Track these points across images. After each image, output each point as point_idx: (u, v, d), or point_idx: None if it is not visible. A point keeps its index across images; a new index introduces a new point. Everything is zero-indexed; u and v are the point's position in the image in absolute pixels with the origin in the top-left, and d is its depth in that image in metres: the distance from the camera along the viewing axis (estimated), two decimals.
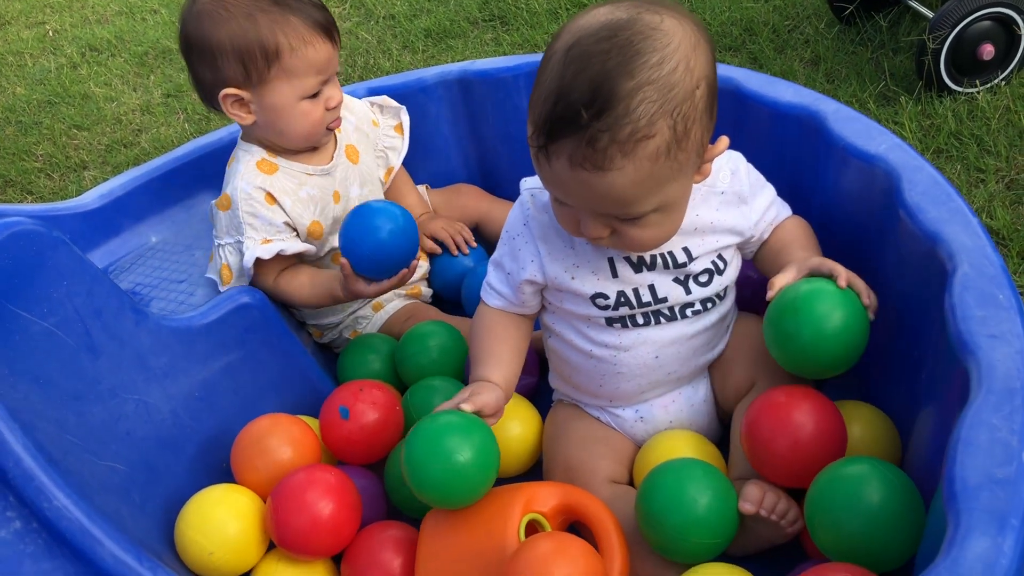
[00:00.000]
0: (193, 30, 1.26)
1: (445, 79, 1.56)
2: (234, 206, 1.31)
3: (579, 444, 1.13)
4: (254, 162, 1.33)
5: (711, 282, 1.06)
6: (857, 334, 0.96)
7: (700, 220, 1.04)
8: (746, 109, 1.26)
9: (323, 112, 1.31)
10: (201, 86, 1.31)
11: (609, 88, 0.84)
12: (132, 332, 1.16)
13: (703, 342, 1.10)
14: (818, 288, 0.97)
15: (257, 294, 1.30)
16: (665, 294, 1.05)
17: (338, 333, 1.48)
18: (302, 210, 1.34)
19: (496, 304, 1.13)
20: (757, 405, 0.99)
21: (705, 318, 1.08)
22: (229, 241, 1.33)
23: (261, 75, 1.25)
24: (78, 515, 0.92)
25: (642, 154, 0.86)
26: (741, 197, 1.07)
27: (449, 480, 0.95)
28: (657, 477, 0.98)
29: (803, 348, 0.96)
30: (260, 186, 1.31)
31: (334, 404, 1.18)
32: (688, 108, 0.87)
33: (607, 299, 1.05)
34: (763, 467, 0.98)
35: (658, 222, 0.95)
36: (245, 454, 1.14)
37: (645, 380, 1.10)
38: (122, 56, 2.99)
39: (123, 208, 1.50)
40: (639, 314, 1.06)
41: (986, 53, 1.66)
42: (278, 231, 1.32)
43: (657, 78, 0.85)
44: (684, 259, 1.04)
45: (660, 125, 0.86)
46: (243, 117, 1.29)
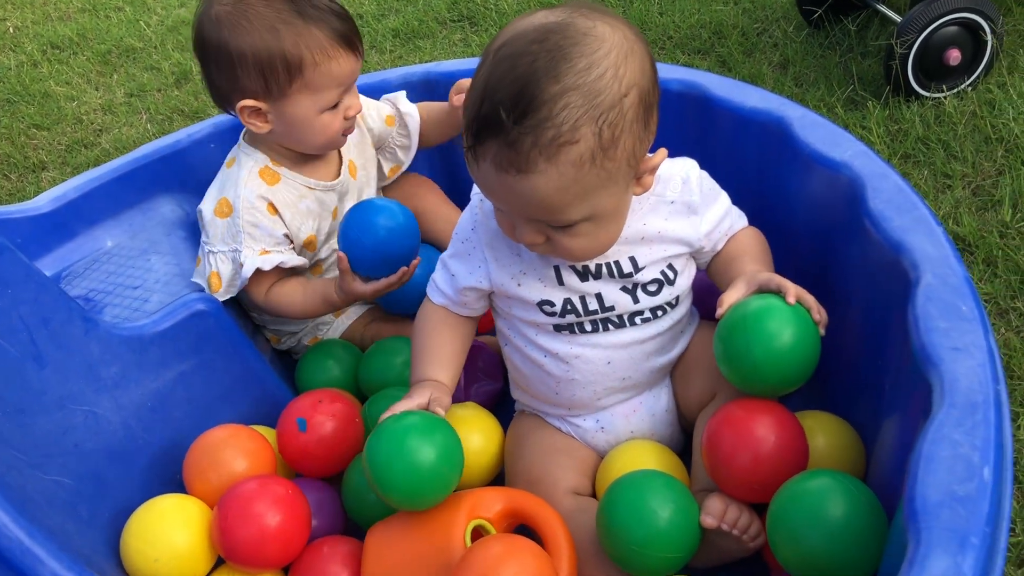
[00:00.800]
0: (212, 35, 1.21)
1: (409, 80, 1.54)
2: (235, 214, 1.27)
3: (541, 455, 1.11)
4: (257, 169, 1.29)
5: (660, 291, 1.05)
6: (808, 351, 0.93)
7: (647, 229, 1.03)
8: (712, 114, 1.25)
9: (341, 122, 1.28)
10: (216, 91, 1.27)
11: (533, 91, 0.83)
12: (81, 341, 1.12)
13: (656, 347, 1.08)
14: (768, 305, 0.94)
15: (213, 301, 1.26)
16: (612, 303, 1.04)
17: (297, 340, 1.45)
18: (300, 223, 1.32)
19: (440, 302, 1.13)
20: (717, 419, 0.97)
21: (656, 325, 1.07)
22: (223, 249, 1.29)
23: (282, 89, 1.21)
24: (18, 533, 0.89)
25: (565, 159, 0.84)
26: (691, 207, 1.05)
27: (413, 480, 0.94)
28: (618, 490, 0.96)
29: (754, 366, 0.94)
30: (263, 196, 1.28)
31: (291, 415, 1.15)
32: (615, 116, 0.85)
33: (553, 306, 1.04)
34: (724, 482, 0.97)
35: (590, 232, 0.93)
36: (198, 465, 1.11)
37: (600, 386, 1.08)
38: (84, 54, 2.94)
39: (77, 211, 1.46)
40: (587, 321, 1.05)
41: (952, 58, 1.66)
42: (277, 243, 1.29)
43: (583, 84, 0.83)
44: (630, 269, 1.03)
45: (584, 131, 0.84)
46: (259, 126, 1.26)
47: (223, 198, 1.29)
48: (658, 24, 2.20)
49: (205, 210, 1.31)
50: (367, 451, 0.96)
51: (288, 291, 1.30)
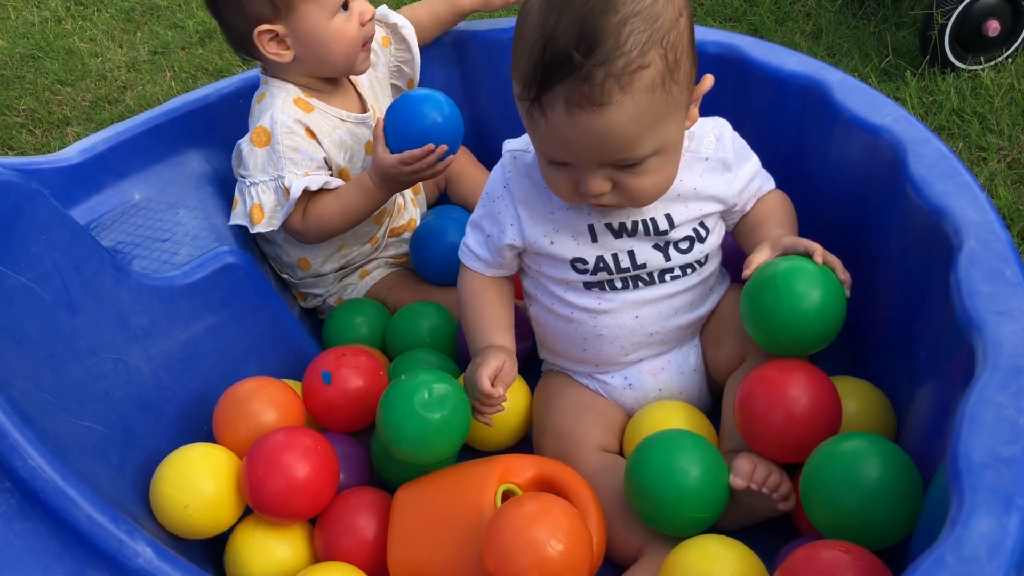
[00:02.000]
0: None
1: (440, 39, 1.52)
2: (274, 140, 1.26)
3: (569, 412, 1.11)
4: (291, 99, 1.29)
5: (692, 249, 1.05)
6: (835, 312, 0.94)
7: (683, 186, 1.03)
8: (749, 77, 1.23)
9: (358, 28, 1.28)
10: (234, 34, 1.28)
11: (595, 25, 0.84)
12: (112, 290, 1.13)
13: (684, 303, 1.08)
14: (796, 266, 0.95)
15: (243, 254, 1.26)
16: (644, 260, 1.04)
17: (323, 300, 1.45)
18: (336, 152, 1.32)
19: (476, 267, 1.13)
20: (751, 379, 0.97)
21: (684, 281, 1.07)
22: (264, 179, 1.28)
23: (288, 3, 1.22)
24: (53, 475, 0.89)
25: (639, 86, 0.85)
26: (725, 164, 1.05)
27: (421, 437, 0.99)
28: (647, 448, 0.96)
29: (781, 326, 0.95)
30: (300, 120, 1.28)
31: (316, 369, 1.15)
32: (675, 37, 0.87)
33: (586, 264, 1.04)
34: (756, 442, 0.96)
35: (658, 167, 0.94)
36: (227, 416, 1.11)
37: (628, 342, 1.08)
38: (108, 11, 2.92)
39: (106, 164, 1.46)
40: (618, 279, 1.05)
41: (992, 29, 1.63)
42: (319, 167, 1.29)
43: (641, 9, 0.85)
44: (666, 226, 1.03)
45: (652, 55, 0.85)
46: (282, 55, 1.27)
47: (260, 126, 1.28)
48: None
49: (243, 143, 1.30)
50: (380, 405, 1.01)
51: (323, 202, 1.29)
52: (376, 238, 1.43)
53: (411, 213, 1.49)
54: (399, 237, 1.47)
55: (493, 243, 1.09)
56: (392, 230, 1.46)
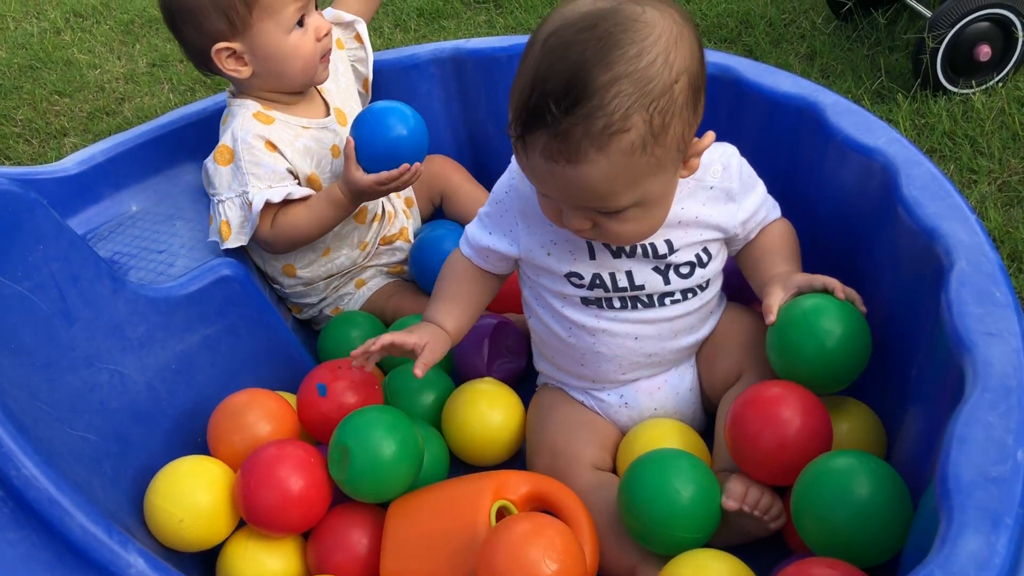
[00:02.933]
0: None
1: (438, 56, 1.53)
2: (236, 157, 1.29)
3: (563, 428, 1.11)
4: (251, 113, 1.31)
5: (693, 274, 1.05)
6: (864, 345, 0.97)
7: (684, 213, 1.03)
8: (743, 98, 1.25)
9: (314, 43, 1.30)
10: (192, 51, 1.30)
11: (584, 80, 0.83)
12: (109, 300, 1.13)
13: (684, 326, 1.08)
14: (822, 304, 0.97)
15: (239, 267, 1.27)
16: (642, 281, 1.04)
17: (318, 311, 1.45)
18: (300, 161, 1.33)
19: (466, 252, 1.14)
20: (742, 401, 0.98)
21: (685, 305, 1.07)
22: (230, 196, 1.30)
23: (244, 21, 1.24)
24: (46, 484, 0.89)
25: (616, 148, 0.85)
26: (730, 194, 1.05)
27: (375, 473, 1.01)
28: (640, 467, 0.97)
29: (814, 363, 0.96)
30: (260, 134, 1.29)
31: (312, 382, 1.16)
32: (666, 103, 0.85)
33: (582, 279, 1.04)
34: (747, 464, 0.97)
35: (639, 217, 0.93)
36: (221, 428, 1.11)
37: (626, 361, 1.09)
38: (107, 23, 2.94)
39: (104, 175, 1.46)
40: (615, 298, 1.05)
41: (983, 54, 1.65)
42: (282, 178, 1.30)
43: (634, 71, 0.83)
44: (665, 250, 1.03)
45: (635, 119, 0.84)
46: (240, 71, 1.29)
47: (222, 144, 1.31)
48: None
49: (208, 162, 1.33)
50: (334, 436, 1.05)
51: (293, 213, 1.30)
52: (365, 242, 1.44)
53: (402, 222, 1.50)
54: (391, 245, 1.48)
55: (481, 240, 1.11)
56: (384, 238, 1.47)
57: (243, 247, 1.33)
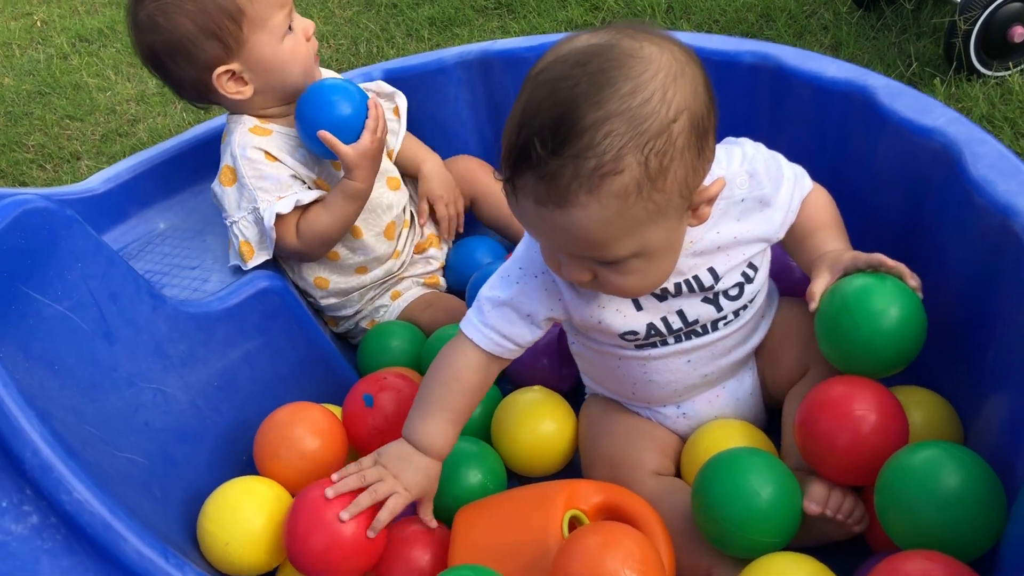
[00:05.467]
0: (154, 37, 1.22)
1: (465, 59, 1.51)
2: (239, 175, 1.26)
3: (621, 437, 1.08)
4: (247, 128, 1.28)
5: (742, 293, 1.00)
6: (917, 324, 0.92)
7: (722, 237, 0.96)
8: (787, 86, 1.22)
9: (306, 45, 1.28)
10: (186, 86, 1.26)
11: (573, 117, 0.77)
12: (149, 318, 1.10)
13: (737, 340, 1.04)
14: (867, 284, 0.93)
15: (277, 279, 1.24)
16: (695, 316, 0.99)
17: (354, 323, 1.42)
18: (303, 167, 1.30)
19: (484, 345, 1.00)
20: (810, 401, 0.94)
21: (737, 322, 1.02)
22: (242, 215, 1.27)
23: (238, 39, 1.21)
24: (100, 509, 0.87)
25: (608, 191, 0.78)
26: (763, 200, 0.97)
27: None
28: (715, 467, 0.93)
29: (863, 349, 0.92)
30: (257, 146, 1.27)
31: (358, 393, 1.12)
32: (663, 143, 0.79)
33: (637, 335, 0.99)
34: (822, 465, 0.93)
35: (641, 268, 0.86)
36: (268, 443, 1.08)
37: (680, 385, 1.05)
38: (114, 47, 2.92)
39: (130, 193, 1.44)
40: (670, 337, 1.00)
41: (1017, 35, 1.62)
42: (288, 186, 1.27)
43: (627, 109, 0.77)
44: (711, 281, 0.97)
45: (628, 160, 0.78)
46: (243, 91, 1.25)
47: (224, 165, 1.28)
48: (703, 7, 2.16)
49: (215, 187, 1.29)
50: None
51: (313, 217, 1.27)
52: (398, 251, 1.41)
53: (430, 228, 1.48)
54: (424, 254, 1.45)
55: (535, 320, 0.99)
56: (417, 246, 1.44)
57: (275, 259, 1.30)
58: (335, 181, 1.31)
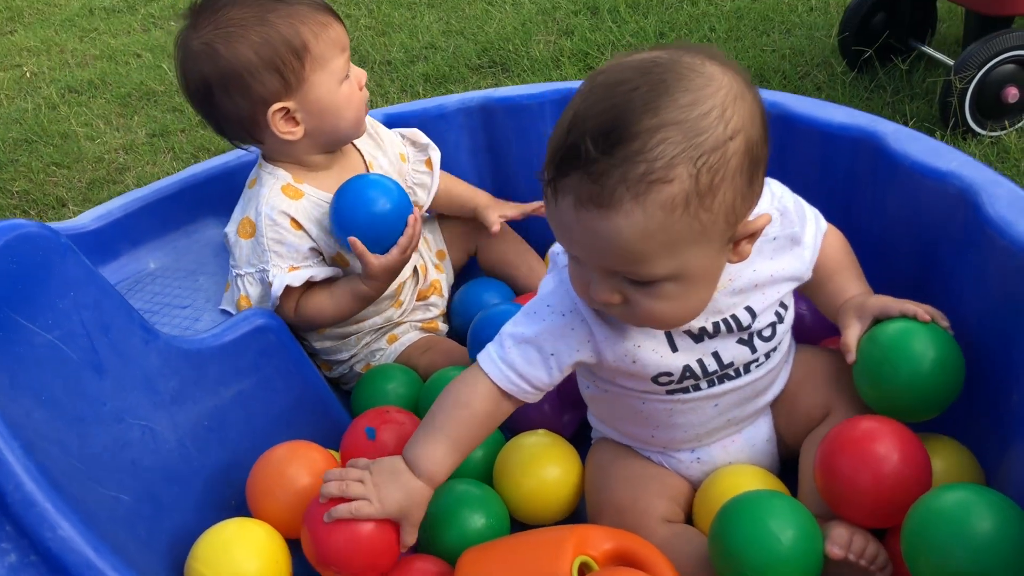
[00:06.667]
0: (209, 67, 1.17)
1: (467, 106, 1.50)
2: (258, 233, 1.22)
3: (629, 483, 1.03)
4: (279, 186, 1.25)
5: (775, 334, 0.98)
6: (956, 365, 0.93)
7: (758, 275, 0.94)
8: (794, 132, 1.21)
9: (360, 94, 1.26)
10: (233, 121, 1.22)
11: (627, 120, 0.76)
12: (141, 352, 1.06)
13: (764, 385, 1.02)
14: (905, 328, 0.94)
15: (274, 317, 1.20)
16: (731, 358, 0.96)
17: (348, 367, 1.38)
18: (327, 239, 1.26)
19: (499, 381, 0.95)
20: (831, 441, 0.92)
21: (767, 365, 1.00)
22: (250, 271, 1.24)
23: (299, 76, 1.18)
24: (84, 548, 0.82)
25: (654, 200, 0.76)
26: (794, 239, 0.96)
27: None
28: (734, 509, 0.89)
29: (905, 394, 0.92)
30: (285, 211, 1.23)
31: (359, 427, 1.08)
32: (716, 160, 0.77)
33: (671, 376, 0.95)
34: (843, 507, 0.90)
35: (675, 295, 0.83)
36: (262, 483, 1.03)
37: (703, 429, 1.02)
38: (103, 97, 2.91)
39: (122, 230, 1.41)
40: (703, 382, 0.97)
41: (1011, 96, 1.64)
42: (305, 258, 1.24)
43: (684, 119, 0.76)
44: (748, 320, 0.95)
45: (680, 171, 0.76)
46: (294, 132, 1.22)
47: (246, 217, 1.25)
48: None
49: (230, 232, 1.27)
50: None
51: (316, 300, 1.25)
52: (400, 301, 1.38)
53: (434, 275, 1.45)
54: (425, 301, 1.42)
55: (558, 362, 0.94)
56: (420, 293, 1.41)
57: None
58: (355, 259, 1.27)
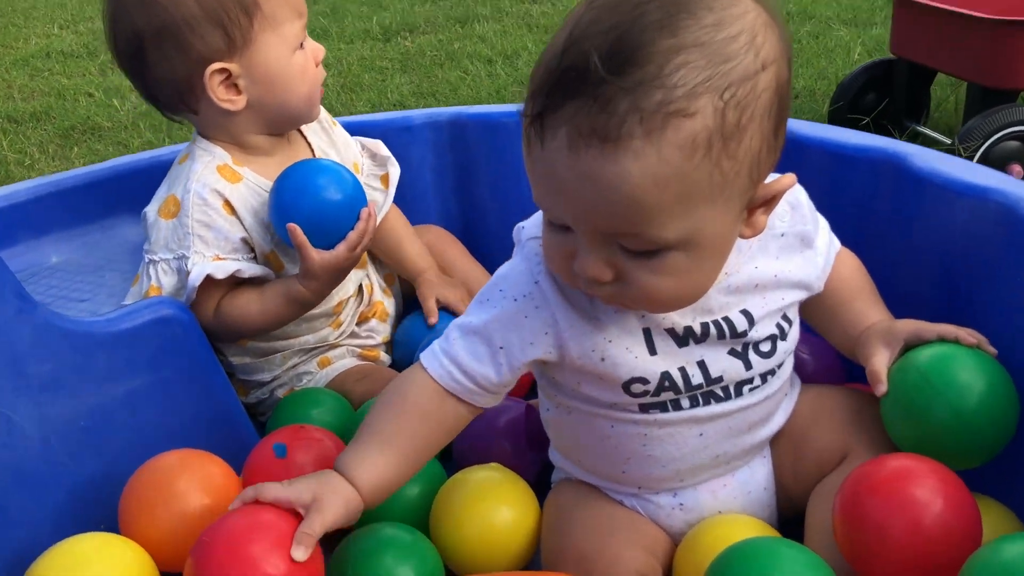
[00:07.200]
0: (142, 17, 1.01)
1: (435, 120, 1.36)
2: (183, 212, 1.04)
3: (596, 529, 0.84)
4: (215, 164, 1.07)
5: (774, 351, 0.81)
6: (1010, 398, 0.78)
7: (760, 273, 0.80)
8: (805, 155, 1.08)
9: (316, 70, 1.09)
10: (167, 86, 1.05)
11: (640, 39, 0.62)
12: (11, 323, 0.86)
13: (760, 415, 0.84)
14: (944, 353, 0.79)
15: (186, 310, 1.00)
16: (720, 372, 0.79)
17: (269, 392, 1.18)
18: (263, 232, 1.08)
19: (437, 375, 0.79)
20: (857, 480, 0.74)
21: (764, 390, 0.83)
22: (166, 257, 1.05)
23: (245, 34, 1.02)
24: None
25: (672, 138, 0.62)
26: (805, 239, 0.83)
27: None
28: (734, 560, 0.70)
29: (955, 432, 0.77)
30: (220, 191, 1.05)
31: (267, 444, 0.88)
32: (746, 94, 0.63)
33: (646, 384, 0.78)
34: (870, 564, 0.72)
35: (680, 269, 0.68)
36: (140, 496, 0.82)
37: (684, 464, 0.83)
38: (44, 129, 2.75)
39: (26, 216, 1.23)
40: (685, 398, 0.80)
41: (1015, 174, 1.55)
42: (234, 248, 1.06)
43: (708, 42, 0.62)
44: (744, 325, 0.79)
45: (703, 103, 0.62)
46: (234, 101, 1.05)
47: (171, 195, 1.06)
48: None
49: (149, 212, 1.08)
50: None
51: (242, 300, 1.07)
52: (339, 321, 1.19)
53: (379, 297, 1.26)
54: (365, 324, 1.23)
55: (508, 359, 0.78)
56: (361, 314, 1.22)
57: None
58: (292, 261, 1.10)
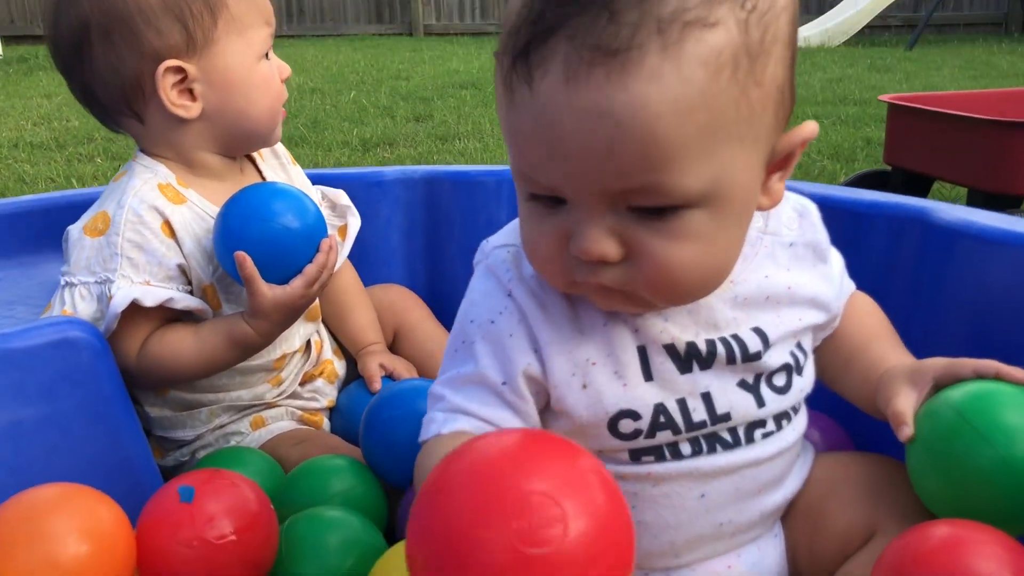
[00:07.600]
0: (94, 4, 0.89)
1: (408, 177, 1.26)
2: (112, 231, 0.90)
3: None
4: (156, 182, 0.94)
5: (790, 386, 0.68)
6: None
7: (771, 284, 0.68)
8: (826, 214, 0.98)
9: (280, 83, 0.97)
10: (110, 83, 0.92)
11: None
12: None
13: (773, 475, 0.70)
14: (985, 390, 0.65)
15: (96, 335, 0.85)
16: (727, 407, 0.66)
17: (190, 454, 1.01)
18: (204, 262, 0.94)
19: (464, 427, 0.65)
20: (900, 553, 0.60)
21: (778, 439, 0.69)
22: (86, 280, 0.90)
23: (208, 33, 0.91)
24: None
25: (693, 52, 0.52)
26: (818, 251, 0.72)
27: None
28: None
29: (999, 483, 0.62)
30: (159, 209, 0.92)
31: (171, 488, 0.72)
32: (767, 8, 0.54)
33: (637, 420, 0.64)
34: None
35: (704, 232, 0.57)
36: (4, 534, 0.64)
37: (681, 534, 0.68)
38: None
39: None
40: (685, 440, 0.66)
41: None
42: (168, 276, 0.91)
43: None
44: (758, 346, 0.66)
45: (724, 12, 0.52)
46: (187, 107, 0.92)
47: (101, 212, 0.92)
48: None
49: (72, 230, 0.94)
50: None
51: (174, 338, 0.91)
52: (279, 378, 1.04)
53: (328, 355, 1.11)
54: (310, 384, 1.08)
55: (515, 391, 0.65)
56: (306, 374, 1.07)
57: None
58: (231, 301, 0.96)
